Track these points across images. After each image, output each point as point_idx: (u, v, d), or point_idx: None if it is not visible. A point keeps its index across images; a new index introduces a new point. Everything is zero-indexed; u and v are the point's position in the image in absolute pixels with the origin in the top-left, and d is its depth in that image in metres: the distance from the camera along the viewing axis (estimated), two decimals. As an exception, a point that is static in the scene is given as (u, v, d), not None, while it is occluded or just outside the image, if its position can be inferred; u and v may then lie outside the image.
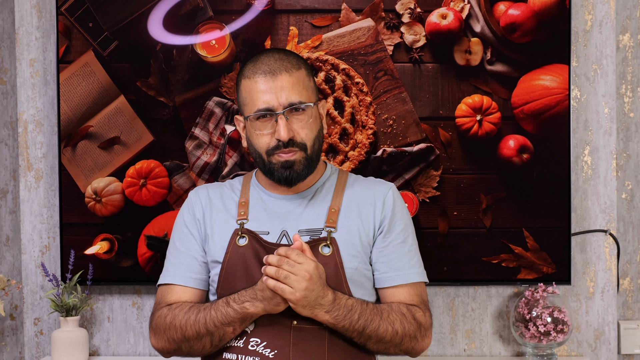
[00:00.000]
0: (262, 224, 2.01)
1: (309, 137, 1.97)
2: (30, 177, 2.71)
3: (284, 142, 1.94)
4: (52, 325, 2.74)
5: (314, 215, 2.01)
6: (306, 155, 1.97)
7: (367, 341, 1.94)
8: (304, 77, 1.99)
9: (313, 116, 1.98)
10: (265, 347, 1.91)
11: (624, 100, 2.77)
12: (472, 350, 2.70)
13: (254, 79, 1.97)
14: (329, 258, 1.96)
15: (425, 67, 2.60)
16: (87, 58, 2.63)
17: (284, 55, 2.00)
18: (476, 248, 2.62)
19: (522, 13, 2.57)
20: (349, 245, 1.98)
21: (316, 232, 1.99)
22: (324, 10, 2.61)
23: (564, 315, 2.54)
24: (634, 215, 2.80)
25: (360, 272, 1.99)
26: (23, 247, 2.73)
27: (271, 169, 1.98)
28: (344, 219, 2.01)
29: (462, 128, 2.60)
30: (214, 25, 2.61)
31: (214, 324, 1.91)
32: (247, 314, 1.89)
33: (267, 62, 1.97)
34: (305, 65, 2.01)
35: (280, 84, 1.95)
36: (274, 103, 1.94)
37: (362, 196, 2.05)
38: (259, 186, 2.08)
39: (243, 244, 1.99)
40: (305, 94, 1.97)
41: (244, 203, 2.05)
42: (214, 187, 2.13)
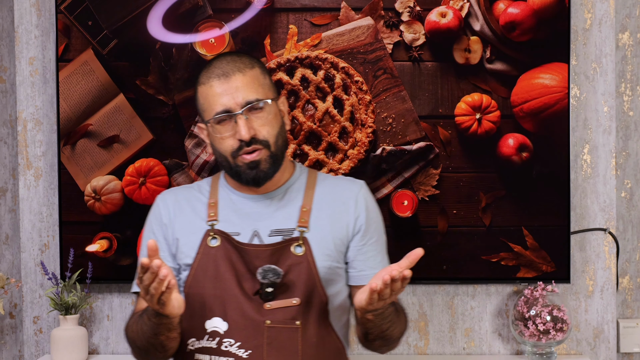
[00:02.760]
0: (232, 224, 2.01)
1: (270, 134, 1.96)
2: (30, 175, 2.71)
3: (246, 142, 1.93)
4: (51, 324, 2.74)
5: (286, 215, 2.01)
6: (270, 153, 1.96)
7: (378, 339, 1.97)
8: (259, 75, 1.98)
9: (273, 113, 1.97)
10: (239, 347, 1.91)
11: (624, 99, 2.77)
12: (471, 348, 2.70)
13: (209, 84, 1.96)
14: (301, 258, 1.96)
15: (424, 65, 2.60)
16: (87, 56, 2.63)
17: (236, 57, 2.00)
18: (475, 246, 2.62)
19: (521, 11, 2.57)
20: (321, 245, 1.98)
21: (288, 232, 1.99)
22: (323, 8, 2.61)
23: (563, 313, 2.54)
24: (633, 213, 2.80)
25: (333, 271, 2.00)
26: (22, 245, 2.73)
27: (237, 171, 1.97)
28: (315, 218, 2.01)
29: (462, 126, 2.60)
30: (214, 23, 2.61)
31: (148, 334, 1.91)
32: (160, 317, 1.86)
33: (220, 65, 1.97)
34: (258, 64, 2.01)
35: (235, 85, 1.94)
36: (231, 104, 1.93)
37: (333, 195, 2.05)
38: (227, 187, 2.07)
39: (215, 245, 1.98)
40: (261, 91, 1.96)
41: (214, 204, 2.04)
42: (181, 190, 2.12)
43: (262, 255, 1.95)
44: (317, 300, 1.96)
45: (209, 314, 1.95)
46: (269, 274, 1.92)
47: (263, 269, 1.92)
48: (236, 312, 1.93)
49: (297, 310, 1.93)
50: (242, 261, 1.96)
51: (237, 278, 1.95)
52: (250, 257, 1.96)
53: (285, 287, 1.94)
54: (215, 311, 1.95)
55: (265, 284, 1.92)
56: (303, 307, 1.94)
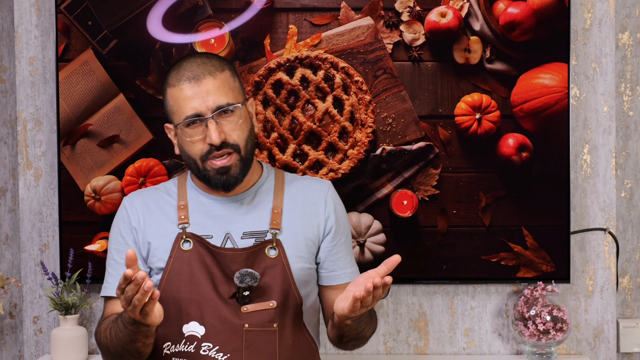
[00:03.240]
0: (204, 227, 2.00)
1: (241, 138, 1.96)
2: (30, 175, 2.71)
3: (216, 146, 1.93)
4: (51, 324, 2.74)
5: (257, 217, 2.01)
6: (240, 157, 1.96)
7: (352, 340, 2.00)
8: (229, 79, 1.97)
9: (243, 116, 1.97)
10: (217, 351, 1.91)
11: (623, 99, 2.77)
12: (471, 348, 2.70)
13: (179, 86, 1.95)
14: (275, 260, 1.96)
15: (424, 65, 2.60)
16: (86, 56, 2.63)
17: (206, 59, 1.99)
18: (475, 246, 2.62)
19: (521, 11, 2.57)
20: (294, 247, 1.99)
21: (261, 235, 1.99)
22: (323, 8, 2.61)
23: (563, 313, 2.54)
24: (633, 213, 2.80)
25: (306, 272, 2.01)
26: (22, 245, 2.73)
27: (206, 175, 1.97)
28: (287, 220, 2.01)
29: (462, 126, 2.60)
30: (213, 23, 2.61)
31: (123, 341, 1.90)
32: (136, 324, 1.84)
33: (190, 67, 1.96)
34: (229, 67, 2.00)
35: (206, 88, 1.93)
36: (201, 108, 1.93)
37: (303, 195, 2.05)
38: (196, 188, 2.06)
39: (188, 249, 1.98)
40: (232, 95, 1.95)
41: (183, 206, 2.03)
42: (148, 192, 2.11)
43: (238, 259, 1.96)
44: (293, 302, 1.97)
45: (186, 318, 1.95)
46: (247, 278, 1.92)
47: (240, 273, 1.92)
48: (213, 316, 1.92)
49: (274, 312, 1.94)
50: (217, 265, 1.96)
51: (213, 281, 1.95)
52: (226, 260, 1.96)
53: (261, 290, 1.94)
54: (192, 315, 1.94)
55: (242, 288, 1.92)
56: (279, 309, 1.95)
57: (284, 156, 2.61)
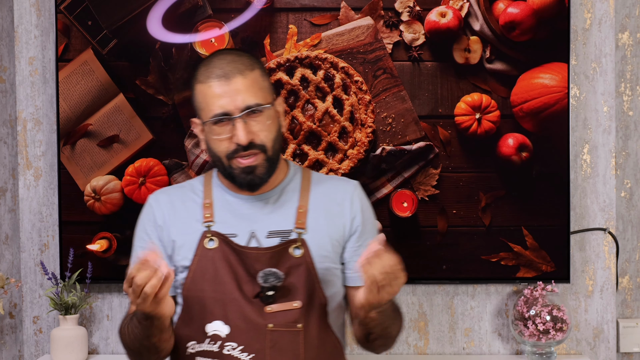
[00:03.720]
0: (229, 226, 1.99)
1: (268, 138, 1.94)
2: (30, 175, 2.71)
3: (243, 146, 1.91)
4: (51, 324, 2.74)
5: (283, 216, 1.99)
6: (267, 157, 1.94)
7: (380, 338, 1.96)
8: (259, 78, 1.95)
9: (271, 117, 1.95)
10: (242, 350, 1.90)
11: (623, 99, 2.77)
12: (471, 348, 2.70)
13: (208, 83, 1.93)
14: (300, 260, 1.95)
15: (424, 65, 2.60)
16: (86, 56, 2.63)
17: (236, 57, 1.96)
18: (475, 246, 2.62)
19: (521, 11, 2.57)
20: (319, 246, 1.97)
21: (286, 234, 1.97)
22: (323, 8, 2.61)
23: (563, 313, 2.54)
24: (633, 213, 2.80)
25: (331, 272, 1.99)
26: (22, 245, 2.73)
27: (232, 173, 1.95)
28: (312, 219, 1.99)
29: (461, 126, 2.60)
30: (213, 23, 2.61)
31: (140, 337, 1.90)
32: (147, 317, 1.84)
33: (220, 65, 1.93)
34: (259, 66, 1.97)
35: (235, 87, 1.91)
36: (230, 107, 1.91)
37: (329, 195, 2.03)
38: (222, 187, 2.04)
39: (212, 247, 1.96)
40: (261, 95, 1.93)
41: (209, 205, 2.02)
42: (174, 190, 2.09)
43: (262, 259, 1.94)
44: (317, 302, 1.95)
45: (210, 317, 1.94)
46: (270, 278, 1.90)
47: (264, 273, 1.91)
48: (238, 316, 1.91)
49: (298, 313, 1.92)
50: (241, 264, 1.94)
51: (237, 281, 1.93)
52: (250, 260, 1.94)
53: (285, 290, 1.93)
54: (216, 314, 1.93)
55: (266, 288, 1.91)
56: (304, 309, 1.93)
57: (283, 156, 2.61)
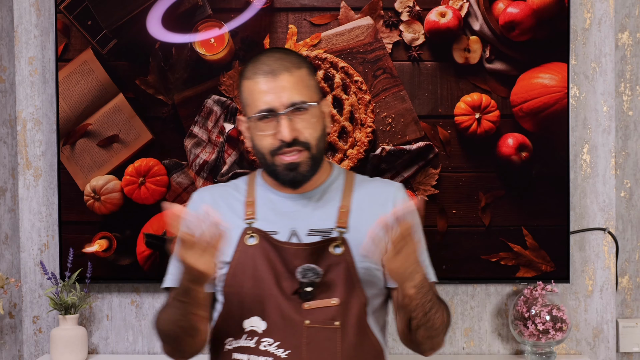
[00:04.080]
0: (270, 223, 2.00)
1: (312, 137, 1.94)
2: (29, 175, 2.71)
3: (287, 143, 1.92)
4: (50, 324, 2.74)
5: (324, 216, 2.00)
6: (310, 155, 1.95)
7: (424, 325, 1.91)
8: (306, 76, 1.96)
9: (316, 115, 1.96)
10: (278, 347, 1.90)
11: (623, 99, 2.77)
12: (470, 348, 2.70)
13: (255, 79, 1.94)
14: (340, 258, 1.95)
15: (424, 65, 2.60)
16: (86, 56, 2.63)
17: (284, 54, 1.98)
18: (475, 246, 2.62)
19: (521, 11, 2.57)
20: (360, 246, 1.95)
21: (327, 232, 1.98)
22: (322, 8, 2.61)
23: (563, 313, 2.54)
24: (633, 213, 2.80)
25: (371, 272, 1.98)
26: (22, 245, 2.73)
27: (275, 170, 1.96)
28: (354, 219, 1.99)
29: (461, 126, 2.60)
30: (213, 23, 2.61)
31: (177, 315, 1.90)
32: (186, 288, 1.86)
33: (268, 62, 1.95)
34: (306, 64, 1.99)
35: (282, 84, 1.92)
36: (275, 103, 1.92)
37: (372, 197, 2.03)
38: (265, 185, 2.05)
39: (252, 244, 1.97)
40: (307, 93, 1.94)
41: (251, 202, 2.03)
42: (217, 188, 2.11)
43: (301, 255, 1.94)
44: (357, 300, 1.94)
45: (247, 313, 1.94)
46: (309, 273, 1.90)
47: (303, 268, 1.91)
48: (275, 312, 1.91)
49: (336, 310, 1.91)
50: (281, 260, 1.95)
51: (276, 277, 1.94)
52: (289, 256, 1.94)
53: (324, 286, 1.92)
54: (254, 310, 1.93)
55: (304, 284, 1.90)
56: (342, 307, 1.92)
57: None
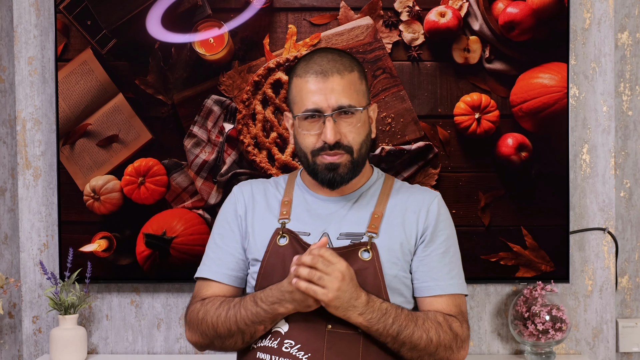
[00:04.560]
0: (304, 224, 2.01)
1: (356, 141, 1.96)
2: (29, 175, 2.71)
3: (329, 145, 1.93)
4: (50, 324, 2.74)
5: (357, 220, 2.00)
6: (352, 159, 1.96)
7: (401, 347, 1.92)
8: (356, 80, 1.97)
9: (362, 120, 1.97)
10: (299, 349, 1.90)
11: (623, 99, 2.77)
12: (470, 348, 2.70)
13: (305, 78, 1.95)
14: (368, 263, 1.95)
15: (423, 65, 2.60)
16: (86, 56, 2.63)
17: (337, 56, 1.98)
18: (474, 246, 2.62)
19: (520, 11, 2.57)
20: (389, 252, 1.97)
21: (357, 237, 1.98)
22: (322, 8, 2.61)
23: (563, 313, 2.54)
24: (632, 213, 2.80)
25: (399, 280, 1.98)
26: (21, 245, 2.73)
27: (315, 169, 1.97)
28: (386, 225, 1.99)
29: (461, 126, 2.60)
30: (213, 23, 2.61)
31: (244, 323, 1.92)
32: (277, 314, 1.89)
33: (320, 62, 1.96)
34: (358, 68, 1.99)
35: (331, 86, 1.93)
36: (323, 105, 1.93)
37: (407, 204, 2.03)
38: (303, 186, 2.07)
39: (283, 244, 1.99)
40: (355, 97, 1.95)
41: (287, 202, 2.05)
42: (257, 184, 2.13)
43: None
44: None
45: None
46: None
47: None
48: (298, 314, 1.91)
49: None
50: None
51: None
52: None
53: None
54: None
55: None
56: None
57: (283, 156, 2.61)
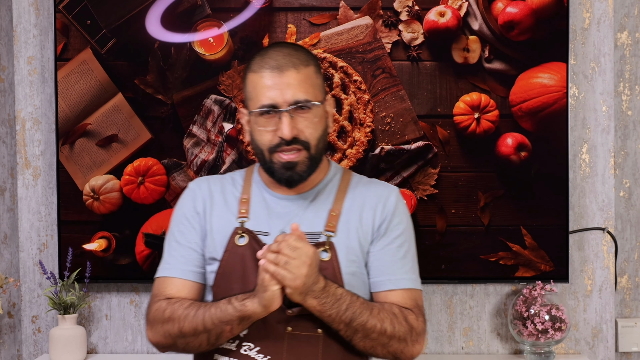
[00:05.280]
0: (262, 224, 1.98)
1: (313, 136, 1.92)
2: (28, 174, 2.71)
3: (286, 140, 1.90)
4: (49, 323, 2.74)
5: (314, 218, 1.98)
6: (309, 155, 1.92)
7: (353, 335, 1.88)
8: (312, 74, 1.94)
9: (319, 115, 1.93)
10: (258, 352, 1.89)
11: (622, 98, 2.77)
12: (470, 348, 2.70)
13: (261, 73, 1.91)
14: (327, 263, 1.93)
15: (423, 65, 2.60)
16: (85, 56, 2.63)
17: (293, 50, 1.95)
18: (474, 246, 2.62)
19: (520, 11, 2.57)
20: (347, 250, 1.95)
21: (315, 236, 1.95)
22: (322, 8, 2.61)
23: (562, 313, 2.54)
24: (632, 213, 2.80)
25: (357, 277, 1.97)
26: (21, 244, 2.73)
27: (272, 168, 1.94)
28: (344, 223, 1.97)
29: (460, 126, 2.60)
30: (212, 23, 2.61)
31: (212, 321, 1.88)
32: (246, 312, 1.85)
33: (275, 56, 1.92)
34: (314, 62, 1.96)
35: (287, 81, 1.89)
36: (278, 100, 1.89)
37: (365, 200, 2.01)
38: (261, 183, 2.04)
39: (242, 244, 1.96)
40: (312, 92, 1.92)
41: (245, 200, 2.01)
42: (214, 180, 2.08)
43: None
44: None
45: None
46: None
47: None
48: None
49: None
50: None
51: None
52: None
53: None
54: None
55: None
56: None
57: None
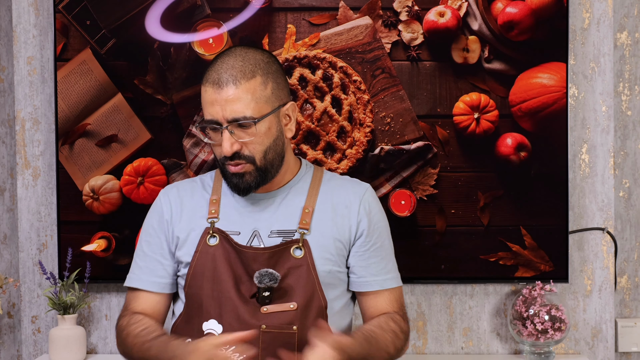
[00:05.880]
0: (233, 223, 1.98)
1: (257, 150, 1.90)
2: (28, 175, 2.71)
3: (228, 157, 1.90)
4: (49, 324, 2.74)
5: (287, 216, 1.97)
6: (256, 167, 1.91)
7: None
8: (257, 87, 1.89)
9: (264, 128, 1.90)
10: (233, 351, 1.86)
11: (622, 99, 2.77)
12: (469, 348, 2.70)
13: (204, 87, 1.90)
14: (301, 260, 1.93)
15: (422, 65, 2.60)
16: (85, 56, 2.63)
17: (239, 61, 1.90)
18: (474, 246, 2.62)
19: (519, 11, 2.57)
20: (322, 248, 1.95)
21: (288, 234, 1.95)
22: (321, 8, 2.61)
23: (562, 313, 2.54)
24: (632, 213, 2.80)
25: (333, 275, 1.97)
26: (20, 245, 2.73)
27: (225, 176, 1.95)
28: (317, 220, 1.97)
29: (460, 126, 2.60)
30: (212, 23, 2.61)
31: (156, 357, 1.89)
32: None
33: (218, 69, 1.89)
34: (261, 72, 1.90)
35: (225, 97, 1.86)
36: (218, 116, 1.88)
37: (338, 197, 2.01)
38: None
39: (213, 244, 1.95)
40: (254, 107, 1.87)
41: (216, 201, 2.01)
42: (184, 185, 2.08)
43: (260, 258, 1.93)
44: (316, 304, 1.94)
45: (206, 316, 1.93)
46: (265, 279, 1.89)
47: (259, 273, 1.90)
48: (231, 315, 1.91)
49: (294, 314, 1.91)
50: (240, 263, 1.93)
51: (235, 280, 1.92)
52: (248, 259, 1.93)
53: (283, 291, 1.91)
54: (212, 313, 1.93)
55: (262, 288, 1.90)
56: (300, 311, 1.91)
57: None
